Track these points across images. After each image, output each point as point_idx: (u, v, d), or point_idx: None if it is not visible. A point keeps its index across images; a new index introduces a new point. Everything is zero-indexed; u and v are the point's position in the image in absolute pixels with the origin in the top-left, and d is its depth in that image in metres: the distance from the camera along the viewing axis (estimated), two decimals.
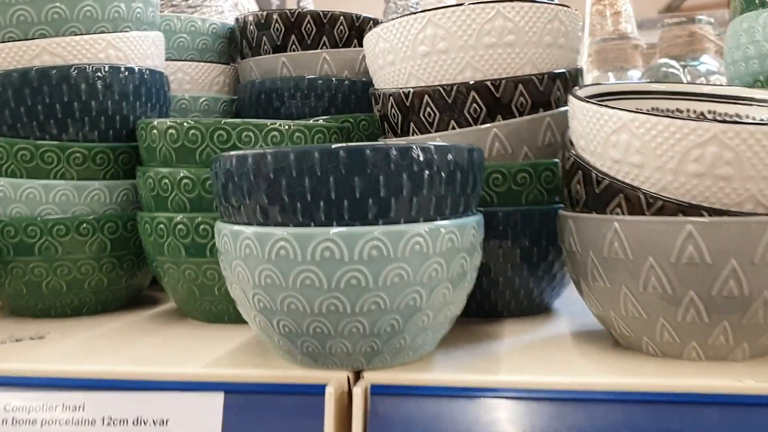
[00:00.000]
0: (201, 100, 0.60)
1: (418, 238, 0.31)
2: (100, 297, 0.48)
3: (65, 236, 0.45)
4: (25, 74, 0.44)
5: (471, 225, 0.33)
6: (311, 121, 0.46)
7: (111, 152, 0.47)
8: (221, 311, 0.44)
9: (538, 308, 0.44)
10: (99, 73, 0.46)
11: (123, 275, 0.48)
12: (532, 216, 0.41)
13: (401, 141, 0.44)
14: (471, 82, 0.41)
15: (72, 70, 0.45)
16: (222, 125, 0.41)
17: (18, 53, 0.45)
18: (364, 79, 0.57)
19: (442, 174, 0.31)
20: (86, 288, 0.47)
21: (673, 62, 0.88)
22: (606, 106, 0.33)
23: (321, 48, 0.57)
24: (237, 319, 0.44)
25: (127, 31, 0.48)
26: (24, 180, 0.45)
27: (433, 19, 0.40)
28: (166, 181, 0.42)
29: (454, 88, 0.41)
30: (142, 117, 0.49)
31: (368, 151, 0.30)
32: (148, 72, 0.49)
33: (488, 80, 0.40)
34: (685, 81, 0.85)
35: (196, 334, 0.42)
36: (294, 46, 0.57)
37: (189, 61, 0.60)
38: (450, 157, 0.31)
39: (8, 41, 0.45)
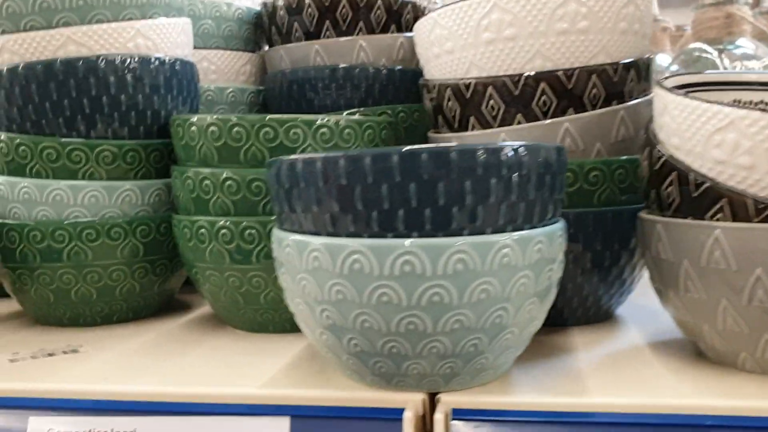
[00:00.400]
0: (228, 91, 0.56)
1: (507, 249, 0.28)
2: (132, 304, 0.45)
3: (95, 241, 0.42)
4: (49, 66, 0.41)
5: (558, 233, 0.30)
6: (358, 116, 0.43)
7: (142, 150, 0.44)
8: (266, 320, 0.41)
9: (604, 315, 0.41)
10: (129, 65, 0.42)
11: (156, 281, 0.45)
12: (605, 217, 0.38)
13: (449, 137, 0.41)
14: (540, 73, 0.37)
15: (100, 61, 0.42)
16: (267, 122, 0.38)
17: (41, 43, 0.41)
18: (401, 67, 0.53)
19: (533, 177, 0.28)
20: (117, 295, 0.44)
21: (706, 46, 0.85)
22: (706, 101, 0.30)
23: (357, 34, 0.53)
24: (282, 328, 0.41)
25: (156, 18, 0.45)
26: (50, 181, 0.42)
27: (499, 4, 0.37)
28: (208, 182, 0.39)
29: (522, 78, 0.37)
30: (174, 111, 0.46)
31: (453, 153, 0.27)
32: (179, 63, 0.45)
33: (560, 70, 0.37)
34: (721, 66, 0.82)
35: (241, 347, 0.39)
36: (328, 33, 0.53)
37: (214, 49, 0.57)
38: (541, 158, 0.28)
39: (31, 30, 0.41)
